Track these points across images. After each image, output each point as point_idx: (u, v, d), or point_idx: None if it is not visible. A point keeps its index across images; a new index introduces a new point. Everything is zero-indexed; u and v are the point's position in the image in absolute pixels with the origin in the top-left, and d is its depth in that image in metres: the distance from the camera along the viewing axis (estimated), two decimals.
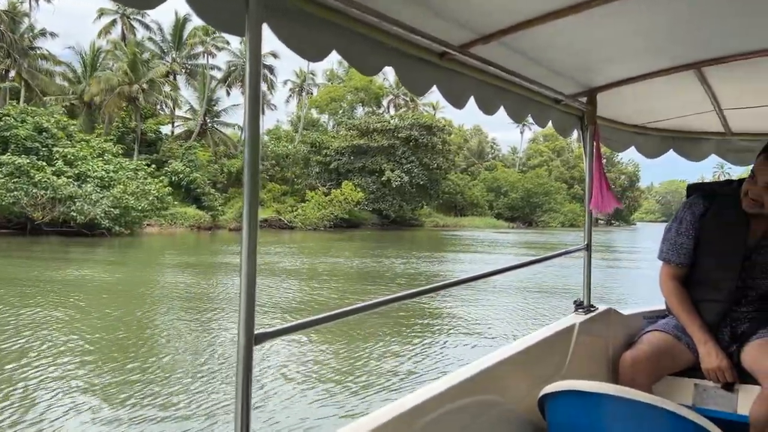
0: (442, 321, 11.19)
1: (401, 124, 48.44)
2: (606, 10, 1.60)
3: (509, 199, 62.47)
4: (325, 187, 45.09)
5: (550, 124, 2.45)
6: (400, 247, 29.05)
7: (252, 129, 1.12)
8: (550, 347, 2.16)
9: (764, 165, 2.09)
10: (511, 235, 42.42)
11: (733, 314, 2.26)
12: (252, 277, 1.10)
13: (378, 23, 1.41)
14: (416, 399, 1.50)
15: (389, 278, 17.04)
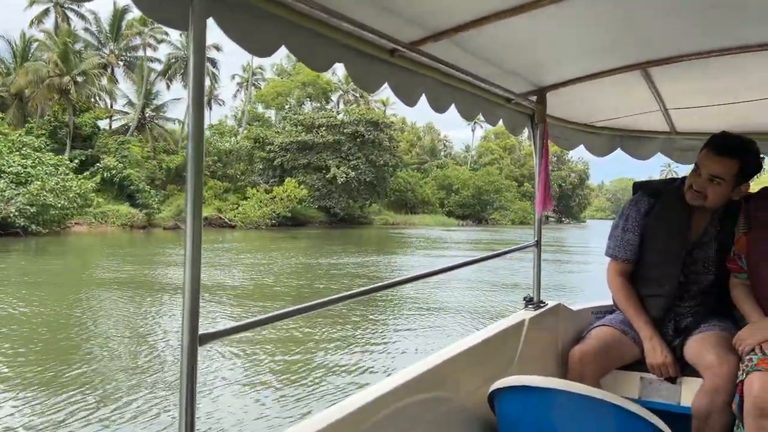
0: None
1: (347, 119, 47.63)
2: (553, 10, 1.65)
3: (460, 196, 63.23)
4: (268, 184, 43.83)
5: (501, 123, 2.48)
6: (344, 245, 28.68)
7: (196, 125, 1.11)
8: (500, 343, 2.20)
9: (707, 158, 2.17)
10: (459, 233, 42.84)
11: (677, 309, 2.35)
12: (196, 276, 1.10)
13: (327, 19, 1.41)
14: (366, 397, 1.50)
15: (304, 284, 15.91)
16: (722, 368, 2.05)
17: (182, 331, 1.10)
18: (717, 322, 2.28)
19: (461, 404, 1.92)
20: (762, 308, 2.08)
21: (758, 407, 1.83)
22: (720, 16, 1.88)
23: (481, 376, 1.97)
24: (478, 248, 28.30)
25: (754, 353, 1.96)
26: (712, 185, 2.17)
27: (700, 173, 2.20)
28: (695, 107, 2.81)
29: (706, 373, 2.09)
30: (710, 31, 2.00)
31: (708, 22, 1.93)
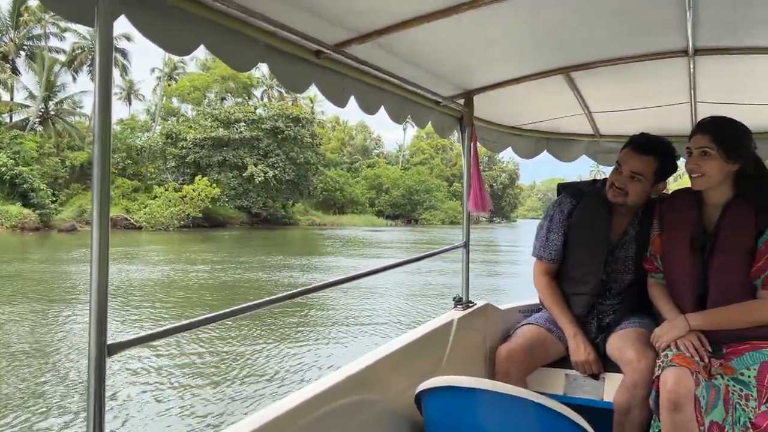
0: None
1: (266, 114, 46.12)
2: (476, 15, 1.74)
3: (391, 196, 63.56)
4: (178, 183, 41.74)
5: (430, 125, 2.56)
6: (256, 249, 26.94)
7: (102, 123, 1.09)
8: (428, 344, 2.27)
9: (628, 155, 2.34)
10: (386, 234, 42.74)
11: (599, 307, 2.48)
12: (104, 282, 1.08)
13: (247, 18, 1.43)
14: (293, 402, 1.53)
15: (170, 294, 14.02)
16: (641, 364, 2.16)
17: (89, 341, 1.07)
18: (637, 319, 2.42)
19: (389, 406, 1.96)
20: (678, 306, 2.21)
21: (672, 401, 1.93)
22: (637, 24, 2.02)
23: (409, 377, 2.00)
24: (401, 251, 27.20)
25: (670, 349, 2.09)
26: (632, 182, 2.33)
27: (622, 171, 2.35)
28: (617, 111, 3.00)
29: (627, 368, 2.21)
30: (628, 38, 2.14)
31: (626, 29, 2.06)
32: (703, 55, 2.22)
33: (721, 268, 2.09)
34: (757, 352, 2.02)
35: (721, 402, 1.96)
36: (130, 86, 58.36)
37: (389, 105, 2.19)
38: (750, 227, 2.05)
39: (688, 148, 2.11)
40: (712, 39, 2.11)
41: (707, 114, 2.32)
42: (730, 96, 2.80)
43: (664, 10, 1.86)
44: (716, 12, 1.88)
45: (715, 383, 2.00)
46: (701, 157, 2.07)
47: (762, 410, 1.97)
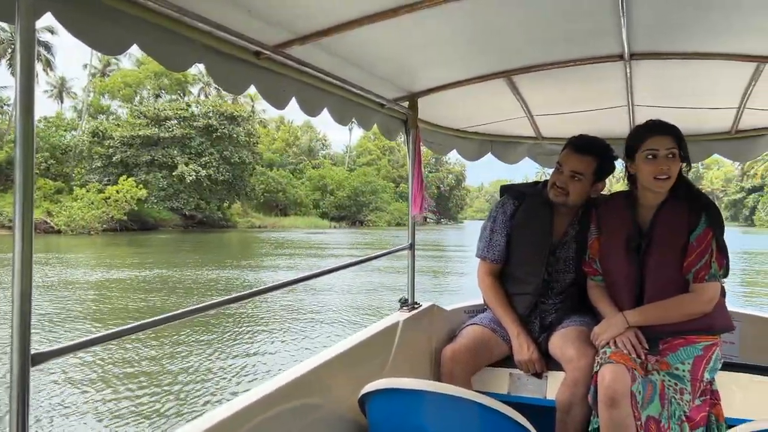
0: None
1: (199, 111, 44.82)
2: (416, 17, 1.78)
3: (336, 198, 63.47)
4: (102, 184, 39.90)
5: (375, 127, 2.61)
6: (181, 255, 25.33)
7: (24, 123, 1.08)
8: (373, 346, 2.30)
9: (568, 156, 2.46)
10: (327, 236, 42.36)
11: (542, 306, 2.58)
12: (27, 289, 1.06)
13: (181, 18, 1.42)
14: (231, 409, 1.52)
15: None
16: (581, 362, 2.25)
17: (11, 350, 1.04)
18: (578, 318, 2.52)
19: (332, 410, 1.97)
20: (617, 305, 2.32)
21: (609, 397, 2.03)
22: (574, 29, 2.10)
23: (353, 380, 2.01)
24: (333, 256, 25.24)
25: (608, 346, 2.19)
26: (573, 182, 2.44)
27: (562, 171, 2.46)
28: (558, 114, 3.12)
29: (568, 366, 2.31)
30: (566, 42, 2.23)
31: (564, 34, 2.14)
32: (638, 59, 2.35)
33: (656, 266, 2.21)
34: (691, 347, 2.16)
35: (657, 397, 2.08)
36: (61, 83, 55.54)
37: (332, 107, 2.22)
38: (683, 225, 2.19)
39: (651, 150, 2.14)
40: (646, 44, 2.23)
41: (645, 117, 2.46)
42: (666, 100, 2.97)
43: (599, 16, 1.95)
44: (649, 18, 1.99)
45: (651, 379, 2.11)
46: (671, 159, 2.13)
47: (696, 404, 2.12)
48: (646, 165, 2.16)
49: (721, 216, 2.23)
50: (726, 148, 3.31)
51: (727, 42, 2.16)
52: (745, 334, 2.92)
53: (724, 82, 2.60)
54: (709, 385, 2.17)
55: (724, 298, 2.27)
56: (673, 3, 1.87)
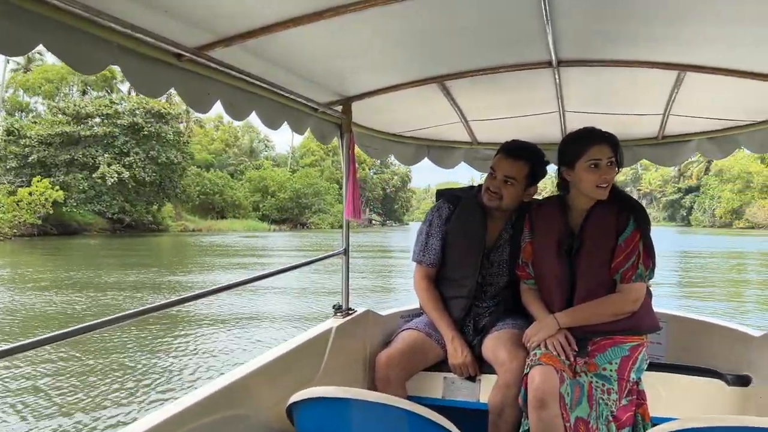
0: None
1: (123, 108, 43.17)
2: (343, 21, 1.81)
3: (277, 199, 62.69)
4: (14, 185, 37.67)
5: (308, 132, 2.65)
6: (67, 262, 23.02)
7: None
8: (304, 354, 2.31)
9: (501, 160, 2.57)
10: (261, 239, 41.41)
11: (476, 309, 2.67)
12: None
13: (92, 17, 1.38)
14: (151, 422, 1.49)
15: None
16: (513, 364, 2.34)
17: None
18: (511, 320, 2.61)
19: (260, 421, 1.97)
20: (549, 308, 2.42)
21: (538, 399, 2.11)
22: (503, 35, 2.18)
23: (282, 390, 2.00)
24: (259, 265, 22.95)
25: (539, 348, 2.28)
26: (506, 186, 2.54)
27: (496, 175, 2.56)
28: (492, 119, 3.22)
29: (500, 369, 2.38)
30: (496, 48, 2.30)
31: (494, 40, 2.22)
32: (565, 66, 2.46)
33: (586, 268, 2.33)
34: (618, 347, 2.28)
35: (585, 398, 2.18)
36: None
37: (261, 111, 2.22)
38: (611, 228, 2.31)
39: (595, 160, 2.26)
40: (572, 51, 2.34)
41: (576, 123, 2.58)
42: (595, 106, 3.12)
43: (525, 23, 2.04)
44: (573, 26, 2.10)
45: (579, 380, 2.22)
46: (610, 167, 2.27)
47: (623, 403, 2.24)
48: (588, 174, 2.27)
49: (648, 218, 2.36)
50: (653, 154, 3.50)
51: (650, 50, 2.30)
52: (671, 335, 3.10)
53: (649, 89, 2.76)
54: (635, 385, 2.29)
55: (651, 299, 2.42)
56: (595, 12, 1.97)
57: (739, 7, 1.79)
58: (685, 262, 24.86)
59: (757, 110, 2.88)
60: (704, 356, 2.93)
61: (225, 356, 8.71)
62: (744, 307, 13.22)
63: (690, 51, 2.25)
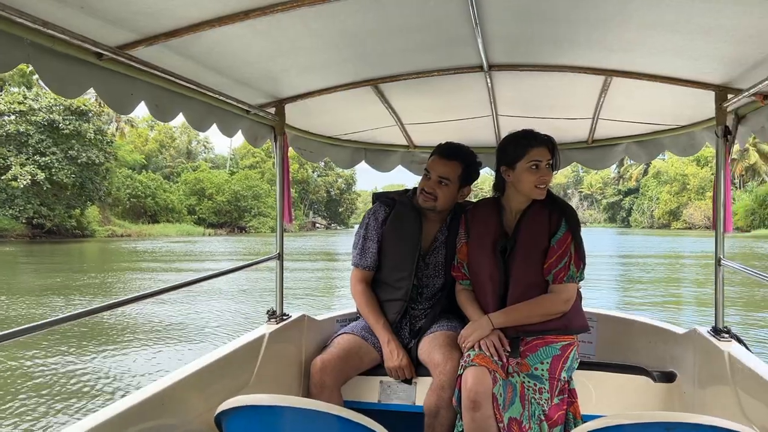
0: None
1: (39, 105, 40.90)
2: (273, 21, 1.84)
3: (214, 203, 61.28)
4: None
5: (240, 134, 2.64)
6: None
7: None
8: (236, 361, 2.30)
9: (435, 162, 2.67)
10: (190, 245, 39.65)
11: (412, 312, 2.75)
12: None
13: (1, 13, 1.37)
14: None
15: None
16: (447, 366, 2.41)
17: None
18: (446, 322, 2.69)
19: (189, 430, 1.96)
20: (483, 308, 2.51)
21: (471, 400, 2.19)
22: (434, 39, 2.24)
23: (212, 398, 2.00)
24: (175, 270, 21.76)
25: (473, 349, 2.36)
26: (440, 187, 2.64)
27: (430, 177, 2.65)
28: (427, 123, 3.31)
29: (435, 371, 2.45)
30: (429, 52, 2.37)
31: (426, 44, 2.27)
32: (497, 70, 2.56)
33: (520, 268, 2.43)
34: (549, 347, 2.39)
35: (518, 398, 2.28)
36: None
37: (189, 112, 2.21)
38: (544, 229, 2.43)
39: (536, 161, 2.38)
40: (502, 55, 2.44)
41: (509, 127, 2.68)
42: (528, 110, 3.26)
43: (455, 28, 2.11)
44: (502, 31, 2.19)
45: (511, 381, 2.31)
46: (548, 168, 2.41)
47: (554, 402, 2.34)
48: (529, 175, 2.39)
49: (579, 221, 2.50)
50: (584, 157, 3.69)
51: (577, 55, 2.42)
52: (601, 334, 3.27)
53: (578, 94, 2.91)
54: (566, 384, 2.40)
55: (581, 300, 2.54)
56: (522, 18, 2.07)
57: (657, 16, 1.91)
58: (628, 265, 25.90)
59: (680, 115, 3.08)
60: (632, 354, 3.10)
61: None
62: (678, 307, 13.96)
63: (614, 56, 2.38)
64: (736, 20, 1.83)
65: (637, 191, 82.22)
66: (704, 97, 2.59)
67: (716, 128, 2.61)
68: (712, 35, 2.00)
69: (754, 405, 2.04)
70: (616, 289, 16.65)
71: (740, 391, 2.15)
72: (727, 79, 2.43)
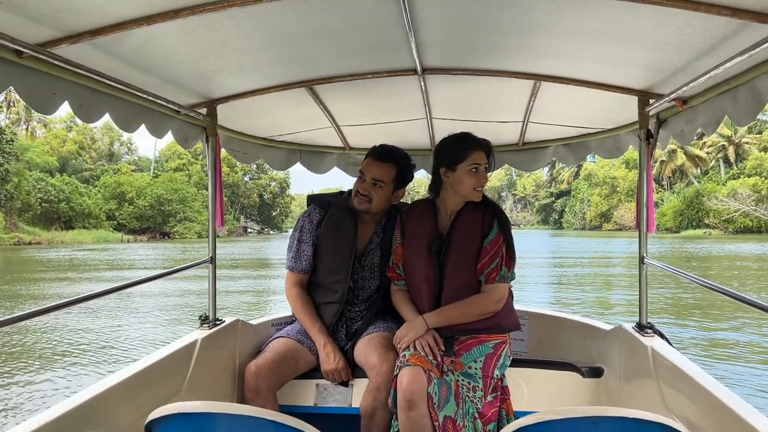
0: None
1: None
2: (203, 20, 1.86)
3: (136, 207, 59.07)
4: None
5: (170, 135, 2.64)
6: None
7: None
8: (166, 368, 2.29)
9: (370, 164, 2.75)
10: (99, 253, 37.20)
11: (348, 314, 2.82)
12: None
13: None
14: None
15: None
16: (383, 367, 2.49)
17: None
18: (382, 323, 2.76)
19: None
20: (418, 307, 2.59)
21: (406, 399, 2.26)
22: (369, 41, 2.30)
23: (142, 407, 1.98)
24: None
25: (408, 350, 2.44)
26: (375, 188, 2.72)
27: (365, 179, 2.73)
28: (363, 125, 3.38)
29: (371, 373, 2.53)
30: (363, 54, 2.44)
31: (360, 46, 2.34)
32: (430, 74, 2.66)
33: (453, 268, 2.54)
34: (482, 346, 2.51)
35: (453, 397, 2.37)
36: None
37: (116, 113, 2.20)
38: (477, 231, 2.55)
39: (476, 164, 2.50)
40: (435, 59, 2.54)
41: (443, 130, 2.79)
42: (461, 113, 3.39)
43: (389, 31, 2.18)
44: (435, 35, 2.28)
45: (446, 380, 2.40)
46: (485, 171, 2.55)
47: (488, 400, 2.45)
48: (469, 177, 2.51)
49: (509, 222, 2.63)
50: (515, 159, 3.86)
51: (508, 61, 2.55)
52: (532, 332, 3.43)
53: (509, 97, 3.05)
54: (499, 381, 2.52)
55: (512, 299, 2.67)
56: (454, 23, 2.16)
57: (583, 24, 2.05)
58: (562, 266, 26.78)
59: (605, 119, 3.28)
60: (562, 351, 3.28)
61: None
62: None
63: (543, 62, 2.52)
64: (655, 30, 1.99)
65: (569, 194, 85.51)
66: (628, 102, 2.77)
67: (639, 132, 2.80)
68: (634, 43, 2.15)
69: (674, 397, 2.20)
70: (547, 291, 17.30)
71: (662, 384, 2.30)
72: (649, 85, 2.61)
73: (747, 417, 1.66)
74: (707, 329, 11.13)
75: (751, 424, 1.63)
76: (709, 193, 57.10)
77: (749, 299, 2.01)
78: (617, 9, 1.85)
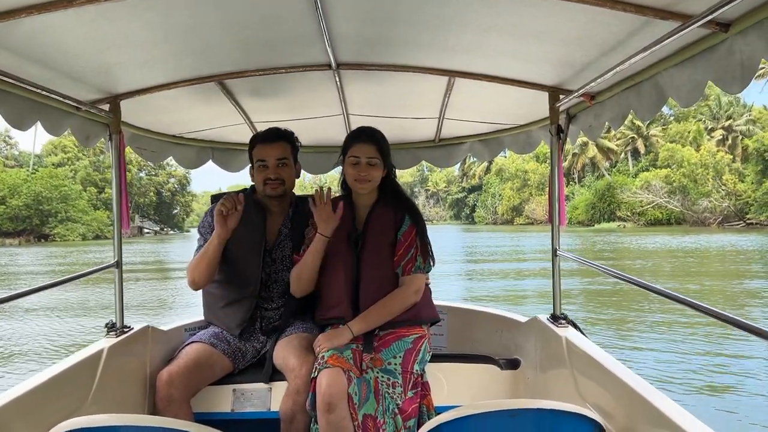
0: None
1: None
2: (99, 10, 1.82)
3: (8, 207, 55.27)
4: None
5: (68, 133, 2.57)
6: None
7: None
8: (69, 380, 2.25)
9: (265, 149, 2.83)
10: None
11: (264, 312, 2.86)
12: None
13: None
14: None
15: None
16: (302, 370, 2.52)
17: None
18: (301, 324, 2.83)
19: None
20: (334, 295, 2.67)
21: (326, 402, 2.30)
22: (280, 35, 2.32)
23: (43, 423, 1.95)
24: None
25: (327, 351, 2.49)
26: (282, 169, 2.84)
27: (268, 164, 2.82)
28: (277, 121, 3.29)
29: (290, 375, 2.56)
30: (275, 48, 2.46)
31: (271, 40, 2.35)
32: (345, 69, 2.72)
33: (370, 261, 2.65)
34: (401, 341, 2.61)
35: (372, 394, 2.45)
36: None
37: (7, 109, 2.12)
38: (390, 224, 2.68)
39: (354, 157, 2.61)
40: (349, 54, 2.60)
41: (359, 125, 2.83)
42: (377, 109, 3.48)
43: (302, 25, 2.22)
44: (349, 29, 2.34)
45: (366, 378, 2.49)
46: (371, 166, 2.63)
47: (408, 395, 2.55)
48: (350, 169, 2.65)
49: (421, 215, 2.78)
50: (431, 155, 4.02)
51: (421, 56, 2.65)
52: (451, 326, 3.58)
53: (425, 94, 3.17)
54: (419, 377, 2.62)
55: (430, 293, 2.80)
56: (368, 17, 2.23)
57: (493, 20, 2.16)
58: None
59: (518, 114, 3.46)
60: (480, 344, 3.44)
61: None
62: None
63: (456, 58, 2.64)
64: (563, 25, 2.12)
65: (481, 188, 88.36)
66: (539, 97, 2.95)
67: (550, 127, 2.98)
68: (543, 39, 2.29)
69: (588, 385, 2.36)
70: (463, 284, 17.90)
71: (576, 373, 2.47)
72: (559, 81, 2.79)
73: (655, 401, 1.82)
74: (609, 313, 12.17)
75: (658, 407, 1.78)
76: (621, 186, 59.79)
77: (652, 286, 2.21)
78: (528, 4, 1.97)
